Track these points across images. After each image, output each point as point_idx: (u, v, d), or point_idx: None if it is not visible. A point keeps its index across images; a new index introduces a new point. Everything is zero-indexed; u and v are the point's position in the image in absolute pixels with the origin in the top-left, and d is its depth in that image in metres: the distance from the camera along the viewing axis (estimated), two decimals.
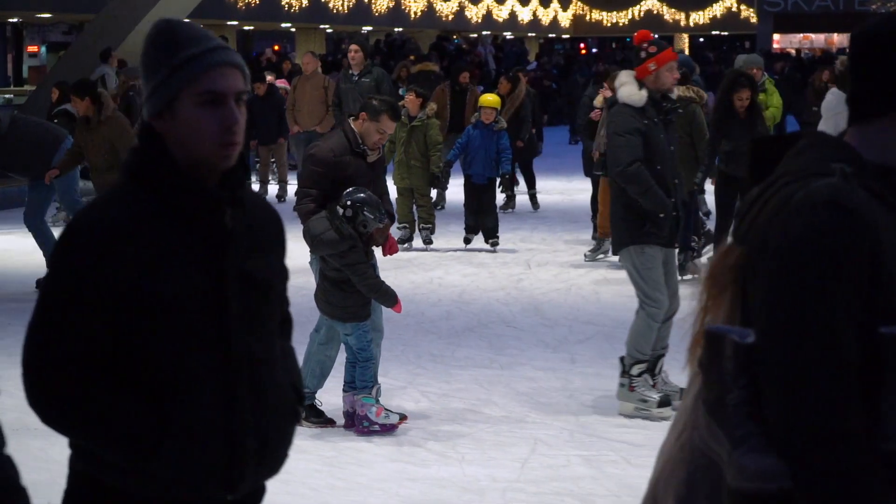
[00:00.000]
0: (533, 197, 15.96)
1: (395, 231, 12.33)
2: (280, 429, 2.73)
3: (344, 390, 6.82)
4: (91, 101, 10.33)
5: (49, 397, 2.56)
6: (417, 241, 13.01)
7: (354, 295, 6.62)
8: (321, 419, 6.84)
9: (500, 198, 14.23)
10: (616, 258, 11.75)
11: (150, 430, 2.55)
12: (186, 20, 2.69)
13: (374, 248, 6.86)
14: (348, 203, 6.51)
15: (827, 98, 12.27)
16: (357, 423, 6.72)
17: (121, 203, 2.60)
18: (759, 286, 2.09)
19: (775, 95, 12.98)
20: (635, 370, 7.04)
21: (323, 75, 15.84)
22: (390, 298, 6.67)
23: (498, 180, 13.07)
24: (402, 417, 6.80)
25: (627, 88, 7.07)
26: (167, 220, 2.59)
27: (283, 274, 2.82)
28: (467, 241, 12.92)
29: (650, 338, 7.09)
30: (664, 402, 7.03)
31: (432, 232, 13.02)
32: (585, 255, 12.25)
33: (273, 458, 2.73)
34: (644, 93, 7.02)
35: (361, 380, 6.69)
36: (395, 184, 12.42)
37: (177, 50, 2.59)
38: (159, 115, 2.61)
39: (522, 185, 16.40)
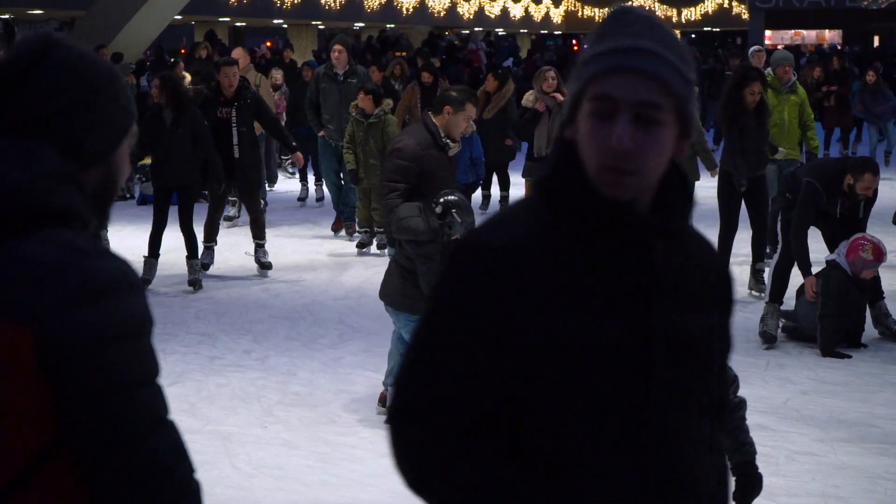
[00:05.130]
0: (504, 199, 15.52)
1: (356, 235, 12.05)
2: None
3: (391, 384, 6.84)
4: None
5: (418, 457, 2.06)
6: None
7: (416, 287, 6.73)
8: None
9: (477, 198, 13.98)
10: None
11: None
12: (645, 10, 2.16)
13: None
14: (441, 200, 6.66)
15: None
16: None
17: (522, 222, 2.08)
18: None
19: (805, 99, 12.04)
20: None
21: (255, 72, 14.55)
22: None
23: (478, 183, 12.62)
24: None
25: None
26: (578, 250, 2.05)
27: (725, 343, 2.20)
28: None
29: None
30: None
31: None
32: None
33: None
34: None
35: None
36: (353, 185, 12.10)
37: (594, 45, 2.08)
38: (570, 120, 2.11)
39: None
